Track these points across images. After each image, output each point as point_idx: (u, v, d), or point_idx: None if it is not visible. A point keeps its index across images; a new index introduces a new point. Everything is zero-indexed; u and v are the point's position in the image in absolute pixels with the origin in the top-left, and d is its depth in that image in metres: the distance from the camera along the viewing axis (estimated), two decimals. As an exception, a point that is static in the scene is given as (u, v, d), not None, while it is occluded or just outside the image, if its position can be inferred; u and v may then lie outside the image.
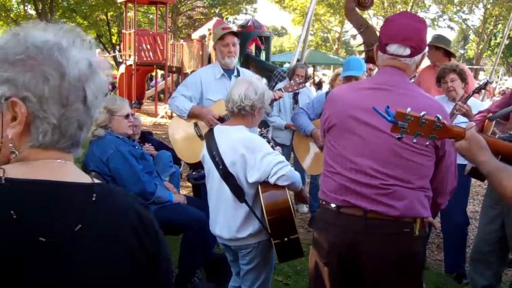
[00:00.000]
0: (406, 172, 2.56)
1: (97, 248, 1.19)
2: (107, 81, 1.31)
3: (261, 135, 3.99)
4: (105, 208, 1.23)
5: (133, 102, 7.34)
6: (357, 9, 3.53)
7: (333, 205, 2.67)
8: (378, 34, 3.46)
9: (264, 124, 4.38)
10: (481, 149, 2.03)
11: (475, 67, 38.78)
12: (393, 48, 2.62)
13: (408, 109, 2.06)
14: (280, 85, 6.85)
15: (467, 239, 5.54)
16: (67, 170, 1.25)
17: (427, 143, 2.10)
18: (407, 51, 2.61)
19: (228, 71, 5.05)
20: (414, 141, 2.09)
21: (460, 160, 4.06)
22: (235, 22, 37.53)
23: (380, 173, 2.55)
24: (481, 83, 5.35)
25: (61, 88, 1.19)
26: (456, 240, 5.15)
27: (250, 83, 3.48)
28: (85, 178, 1.27)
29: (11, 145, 1.19)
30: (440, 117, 2.07)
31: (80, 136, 1.28)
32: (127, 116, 4.55)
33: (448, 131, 2.09)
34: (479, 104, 5.03)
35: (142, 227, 1.29)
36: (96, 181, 1.27)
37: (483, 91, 6.15)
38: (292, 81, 5.65)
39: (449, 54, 5.75)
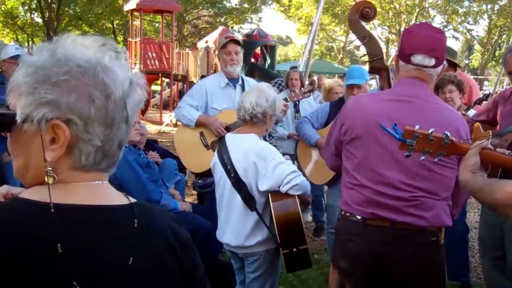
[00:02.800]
0: (433, 184, 2.60)
1: (146, 275, 1.17)
2: (143, 96, 1.26)
3: (268, 143, 4.01)
4: (146, 231, 1.21)
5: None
6: (360, 21, 3.53)
7: (358, 217, 2.68)
8: (380, 45, 3.49)
9: (269, 135, 4.41)
10: (465, 168, 2.03)
11: (479, 77, 38.76)
12: (418, 58, 2.63)
13: (417, 127, 2.06)
14: (280, 95, 6.89)
15: (472, 248, 5.54)
16: (106, 192, 1.21)
17: (436, 160, 2.11)
18: (432, 62, 2.63)
19: (233, 80, 5.07)
20: (422, 158, 2.10)
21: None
22: (240, 31, 37.68)
23: (408, 186, 2.58)
24: (486, 92, 5.37)
25: (107, 109, 1.14)
26: (457, 247, 5.15)
27: (261, 91, 3.49)
28: (123, 199, 1.23)
29: (49, 168, 1.11)
30: (449, 134, 2.07)
31: (119, 155, 1.23)
32: (133, 124, 4.57)
33: (456, 148, 2.09)
34: None
35: (179, 245, 1.27)
36: (132, 200, 1.24)
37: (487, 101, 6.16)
38: (297, 90, 5.67)
39: (454, 65, 5.76)
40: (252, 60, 17.72)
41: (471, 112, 4.81)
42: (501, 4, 38.73)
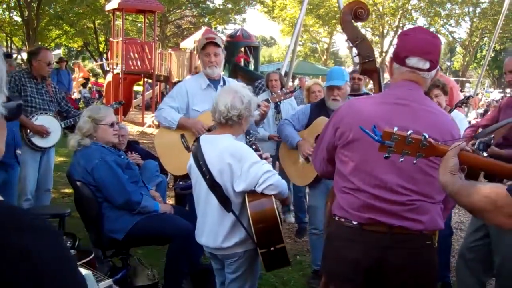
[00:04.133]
0: (429, 188, 2.60)
1: None
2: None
3: (249, 142, 3.98)
4: None
5: (113, 103, 7.28)
6: (353, 22, 3.50)
7: (354, 222, 2.66)
8: (372, 47, 3.46)
9: (248, 134, 4.37)
10: (444, 169, 2.02)
11: (461, 79, 39.12)
12: (413, 61, 2.63)
13: (395, 129, 2.05)
14: (262, 96, 6.86)
15: (452, 249, 5.59)
16: None
17: (414, 162, 2.10)
18: (427, 65, 2.64)
19: (214, 82, 5.02)
20: (401, 160, 2.09)
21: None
22: (224, 32, 37.57)
23: (405, 189, 2.58)
24: (467, 94, 5.40)
25: None
26: (441, 250, 5.17)
27: (235, 92, 3.47)
28: None
29: None
30: (427, 136, 2.06)
31: None
32: (112, 125, 4.53)
33: (434, 149, 2.08)
34: (461, 117, 5.06)
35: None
36: None
37: (468, 103, 6.22)
38: (279, 91, 5.65)
39: (436, 67, 5.78)
40: (241, 62, 17.69)
41: (454, 114, 4.82)
42: (482, 7, 39.10)
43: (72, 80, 18.40)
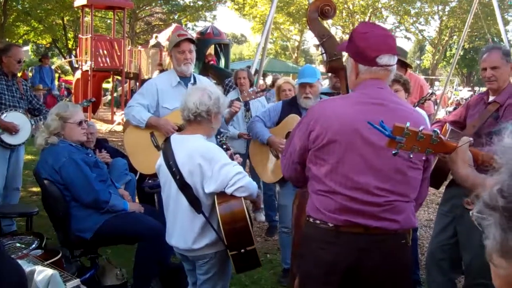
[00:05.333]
0: (405, 187, 2.61)
1: None
2: None
3: (220, 142, 3.96)
4: None
5: (83, 101, 7.18)
6: (320, 19, 3.49)
7: (330, 224, 2.64)
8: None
9: (218, 133, 4.35)
10: (463, 163, 2.05)
11: (430, 77, 39.62)
12: (385, 59, 2.63)
13: (407, 124, 2.04)
14: (231, 94, 6.84)
15: (421, 247, 5.64)
16: None
17: (423, 158, 2.11)
18: (395, 60, 2.69)
19: (185, 79, 4.97)
20: (411, 156, 2.10)
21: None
22: (194, 29, 37.40)
23: (382, 190, 2.57)
24: (429, 91, 5.47)
25: None
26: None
27: (204, 89, 3.47)
28: None
29: None
30: (438, 131, 2.08)
31: None
32: (80, 123, 4.47)
33: (444, 145, 2.10)
34: (423, 114, 5.11)
35: None
36: None
37: (437, 100, 6.29)
38: (250, 90, 5.63)
39: (405, 65, 5.84)
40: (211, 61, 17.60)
41: (421, 111, 4.87)
42: (452, 6, 39.63)
43: (54, 77, 18.17)
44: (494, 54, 3.85)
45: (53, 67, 17.49)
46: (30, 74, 19.76)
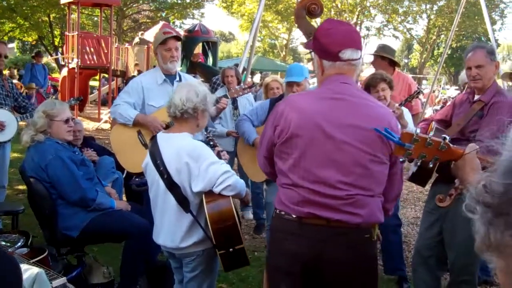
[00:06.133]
0: (368, 181, 2.62)
1: None
2: None
3: (207, 138, 3.95)
4: None
5: (71, 99, 7.16)
6: (307, 17, 3.51)
7: (294, 216, 2.67)
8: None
9: (206, 130, 4.35)
10: (472, 170, 2.06)
11: (418, 76, 39.77)
12: (348, 53, 2.66)
13: (417, 130, 2.05)
14: (219, 92, 6.83)
15: (407, 244, 5.67)
16: None
17: (430, 165, 2.12)
18: (359, 54, 2.72)
19: (170, 77, 4.95)
20: (418, 164, 2.12)
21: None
22: (182, 26, 37.29)
23: (344, 184, 2.59)
24: (416, 89, 5.48)
25: None
26: (391, 241, 5.25)
27: (190, 86, 3.48)
28: None
29: None
30: (448, 138, 2.09)
31: None
32: (67, 121, 4.44)
33: (451, 152, 2.11)
34: (405, 111, 5.13)
35: None
36: None
37: (423, 99, 6.31)
38: (237, 87, 5.62)
39: (394, 64, 5.87)
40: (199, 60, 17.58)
41: (404, 109, 4.89)
42: (439, 5, 39.83)
43: (47, 75, 18.03)
44: (478, 53, 3.87)
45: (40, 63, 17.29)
46: (17, 75, 19.66)
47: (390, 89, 4.91)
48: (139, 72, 15.36)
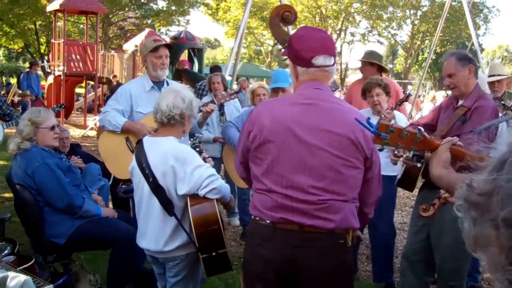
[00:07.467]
0: (341, 185, 2.62)
1: None
2: None
3: (193, 144, 3.97)
4: None
5: (54, 106, 7.17)
6: (281, 25, 3.55)
7: (268, 221, 2.67)
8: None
9: (192, 136, 4.37)
10: (438, 163, 2.08)
11: (403, 81, 40.05)
12: (320, 60, 2.68)
13: (392, 121, 2.12)
14: (205, 99, 6.85)
15: (394, 250, 5.68)
16: None
17: (409, 155, 2.15)
18: (332, 60, 2.73)
19: (158, 83, 4.96)
20: (396, 152, 2.15)
21: (387, 172, 4.18)
22: (167, 33, 37.32)
23: (317, 189, 2.59)
24: (406, 92, 5.53)
25: None
26: (383, 250, 5.27)
27: (177, 92, 3.48)
28: None
29: None
30: (422, 129, 2.13)
31: None
32: (52, 128, 4.44)
33: (428, 143, 2.14)
34: (402, 116, 5.17)
35: None
36: None
37: (410, 104, 6.37)
38: (224, 92, 5.64)
39: (381, 69, 5.93)
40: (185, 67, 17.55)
41: (395, 113, 4.93)
42: (423, 10, 40.16)
43: (40, 84, 18.12)
44: (449, 61, 3.90)
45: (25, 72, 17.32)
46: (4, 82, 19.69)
47: (386, 95, 4.94)
48: (118, 82, 15.38)
